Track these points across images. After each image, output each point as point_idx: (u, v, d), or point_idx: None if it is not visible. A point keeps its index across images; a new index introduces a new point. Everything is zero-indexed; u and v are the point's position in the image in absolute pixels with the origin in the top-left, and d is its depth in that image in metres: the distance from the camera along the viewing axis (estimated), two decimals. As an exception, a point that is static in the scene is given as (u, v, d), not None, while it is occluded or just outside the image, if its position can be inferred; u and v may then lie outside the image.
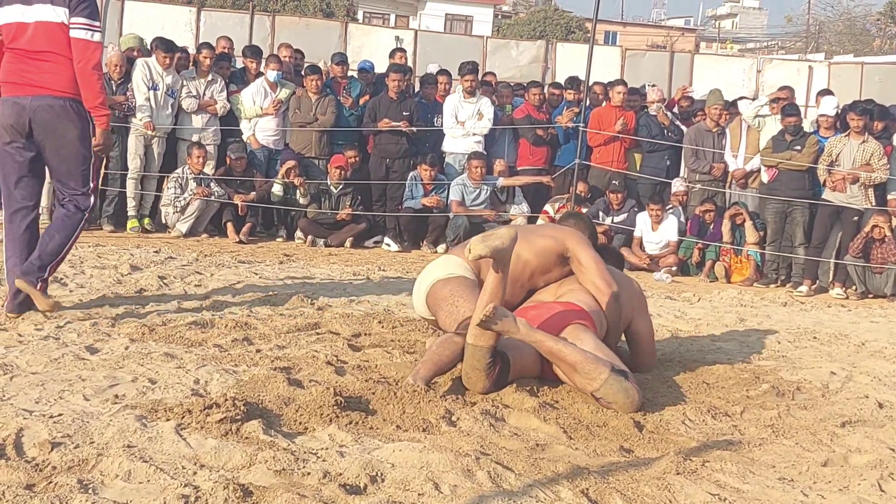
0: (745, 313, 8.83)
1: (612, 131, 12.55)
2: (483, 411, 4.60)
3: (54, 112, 6.24)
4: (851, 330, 8.22)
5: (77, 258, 8.26)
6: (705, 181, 12.44)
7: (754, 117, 12.28)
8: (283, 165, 12.22)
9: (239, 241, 11.51)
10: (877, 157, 11.08)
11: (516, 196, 12.72)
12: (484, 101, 12.83)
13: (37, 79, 6.23)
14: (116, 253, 9.30)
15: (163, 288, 7.52)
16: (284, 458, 3.65)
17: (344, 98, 12.90)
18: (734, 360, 6.50)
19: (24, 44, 6.22)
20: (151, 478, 3.39)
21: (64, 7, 6.18)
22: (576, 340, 5.15)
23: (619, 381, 4.85)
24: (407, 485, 3.49)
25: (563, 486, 3.61)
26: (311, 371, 5.18)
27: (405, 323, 6.85)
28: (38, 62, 6.23)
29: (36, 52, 6.22)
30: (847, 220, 11.24)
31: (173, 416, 4.08)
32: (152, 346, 5.49)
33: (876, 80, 18.72)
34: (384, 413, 4.46)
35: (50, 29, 6.19)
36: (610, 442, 4.40)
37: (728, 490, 3.72)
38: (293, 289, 7.97)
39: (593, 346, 5.14)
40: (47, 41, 6.20)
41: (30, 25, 6.20)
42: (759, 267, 11.82)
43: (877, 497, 3.75)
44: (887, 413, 5.25)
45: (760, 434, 4.71)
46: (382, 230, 12.61)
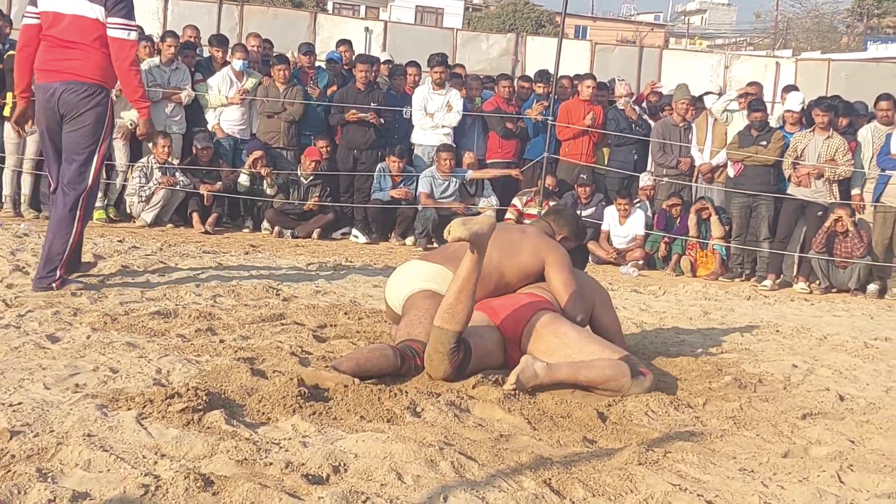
0: (709, 307, 8.88)
1: (580, 125, 12.57)
2: (448, 402, 4.59)
3: (78, 95, 6.77)
4: (814, 324, 8.29)
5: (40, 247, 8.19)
6: (672, 175, 12.49)
7: (722, 112, 12.33)
8: (250, 155, 12.16)
9: (204, 231, 11.46)
10: (841, 152, 11.16)
11: (485, 189, 12.72)
12: (453, 93, 12.81)
13: (65, 65, 6.77)
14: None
15: (126, 277, 7.47)
16: (246, 448, 3.64)
17: (311, 88, 12.86)
18: (697, 352, 6.54)
19: (58, 32, 6.75)
20: (111, 467, 3.36)
21: (100, 5, 6.72)
22: (556, 332, 5.19)
23: (640, 384, 5.11)
24: (370, 475, 3.48)
25: (526, 476, 3.61)
26: (275, 362, 5.17)
27: (371, 314, 6.84)
28: (68, 50, 6.76)
29: (67, 42, 6.76)
30: (811, 215, 11.31)
31: (134, 405, 4.05)
32: (114, 335, 5.45)
33: (842, 76, 18.85)
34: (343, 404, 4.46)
35: (84, 23, 6.73)
36: (573, 433, 4.40)
37: (689, 480, 3.74)
38: (258, 279, 7.94)
39: (578, 338, 5.23)
40: (79, 33, 6.74)
41: (66, 17, 6.74)
42: (724, 261, 11.88)
43: (836, 488, 3.77)
44: (848, 406, 5.30)
45: (722, 425, 4.73)
46: (350, 222, 12.58)
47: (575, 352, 5.18)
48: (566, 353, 5.17)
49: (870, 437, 4.62)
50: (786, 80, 17.92)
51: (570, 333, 5.24)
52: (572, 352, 5.18)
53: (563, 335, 5.22)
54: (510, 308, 5.36)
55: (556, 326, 5.24)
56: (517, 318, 5.29)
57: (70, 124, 6.85)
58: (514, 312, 5.33)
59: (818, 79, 18.62)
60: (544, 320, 5.26)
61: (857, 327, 8.31)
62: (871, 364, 6.54)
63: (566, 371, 5.05)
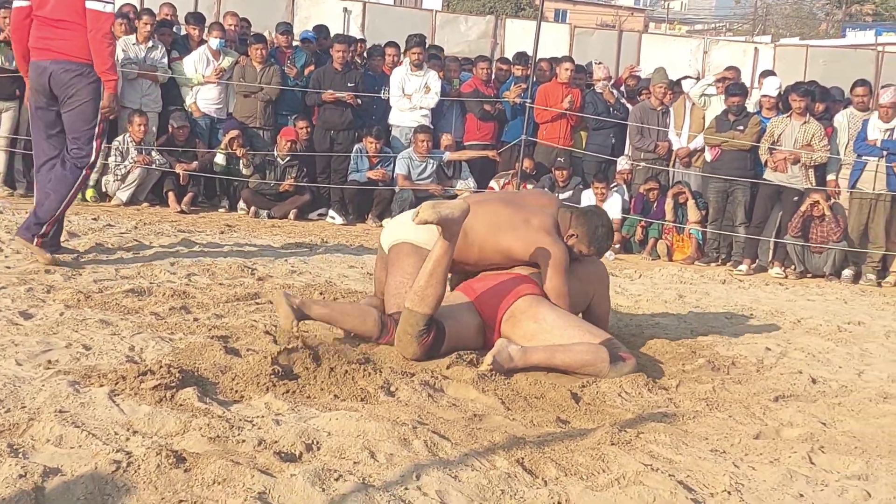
0: (684, 290, 8.91)
1: (558, 108, 12.56)
2: (422, 382, 4.61)
3: (70, 74, 6.96)
4: (788, 307, 8.33)
5: (14, 223, 8.14)
6: (650, 159, 12.50)
7: (700, 96, 12.35)
8: (227, 135, 12.09)
9: (180, 210, 11.39)
10: (817, 137, 11.20)
11: (463, 171, 12.70)
12: (431, 74, 12.77)
13: (56, 44, 6.96)
14: (55, 220, 9.16)
15: (100, 255, 7.43)
16: (219, 426, 3.63)
17: (289, 68, 12.79)
18: (672, 335, 6.56)
19: (47, 12, 6.94)
20: (83, 443, 3.35)
21: None
22: (535, 317, 5.20)
23: (619, 369, 5.13)
24: (343, 453, 3.48)
25: (499, 455, 3.62)
26: (249, 340, 5.16)
27: (347, 295, 6.83)
28: (58, 29, 6.95)
29: (56, 20, 6.95)
30: (787, 200, 11.35)
31: (107, 382, 4.04)
32: (87, 312, 5.43)
33: (820, 63, 18.89)
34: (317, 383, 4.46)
35: (72, 1, 6.90)
36: (547, 413, 4.42)
37: (661, 461, 3.76)
38: (234, 259, 7.91)
39: (558, 323, 5.24)
40: (66, 10, 6.91)
41: None
42: (700, 245, 11.91)
43: (807, 469, 3.80)
44: (820, 388, 5.33)
45: (695, 407, 4.76)
46: (327, 202, 12.54)
47: (555, 337, 5.20)
48: (545, 338, 5.20)
49: (841, 420, 4.66)
50: (764, 65, 17.94)
51: (550, 318, 5.25)
52: (552, 337, 5.20)
53: (542, 320, 5.22)
54: (491, 291, 5.36)
55: (536, 311, 5.24)
56: (497, 303, 5.29)
57: (66, 105, 7.04)
58: (495, 296, 5.33)
59: (796, 65, 18.66)
60: (523, 305, 5.26)
61: (831, 311, 8.36)
62: (843, 348, 6.59)
63: (541, 355, 5.08)
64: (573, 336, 5.21)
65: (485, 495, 3.24)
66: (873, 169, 11.07)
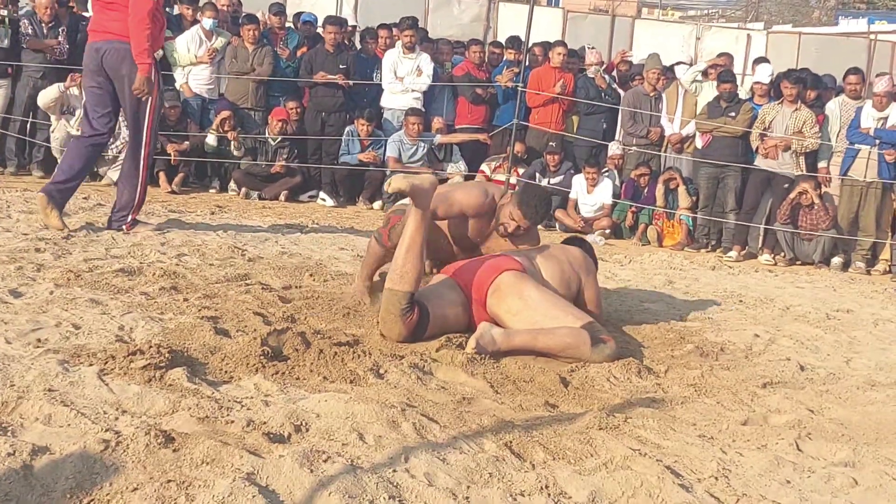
0: (673, 276, 8.92)
1: (551, 92, 12.55)
2: (411, 365, 4.61)
3: (119, 55, 7.40)
4: (777, 294, 8.34)
5: (4, 202, 8.13)
6: (641, 145, 12.50)
7: (692, 82, 12.35)
8: (218, 116, 12.07)
9: (171, 191, 11.39)
10: (809, 125, 11.21)
11: (454, 154, 12.69)
12: (423, 57, 12.75)
13: (108, 25, 7.42)
14: (45, 199, 9.14)
15: (90, 234, 7.42)
16: (208, 406, 3.63)
17: (281, 49, 12.76)
18: (661, 320, 6.57)
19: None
20: (72, 422, 3.35)
21: None
22: (520, 294, 5.22)
23: (600, 351, 5.15)
24: (331, 434, 3.48)
25: (488, 438, 3.63)
26: (239, 321, 5.15)
27: (337, 276, 6.84)
28: (111, 11, 7.40)
29: (108, 3, 7.42)
30: (778, 187, 11.37)
31: (96, 361, 4.04)
32: (77, 291, 5.41)
33: (812, 50, 18.87)
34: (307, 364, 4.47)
35: None
36: (535, 397, 4.43)
37: (648, 445, 3.77)
38: (224, 239, 7.90)
39: (542, 301, 5.26)
40: None
41: None
42: (690, 231, 11.93)
43: (794, 456, 3.81)
44: (808, 375, 5.35)
45: (683, 392, 4.77)
46: (318, 184, 12.52)
47: (539, 315, 5.21)
48: (529, 315, 5.21)
49: (829, 407, 4.68)
50: (757, 52, 17.92)
51: (535, 296, 5.26)
52: (536, 315, 5.21)
53: (527, 298, 5.24)
54: (475, 269, 5.38)
55: (521, 288, 5.26)
56: (482, 279, 5.31)
57: (121, 92, 7.52)
58: (479, 273, 5.35)
59: (789, 52, 18.64)
60: (508, 280, 5.28)
61: (820, 299, 8.38)
62: (832, 335, 6.60)
63: (524, 338, 5.10)
64: (556, 316, 5.23)
65: (473, 478, 3.24)
66: (865, 157, 11.09)
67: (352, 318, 5.56)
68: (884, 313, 7.81)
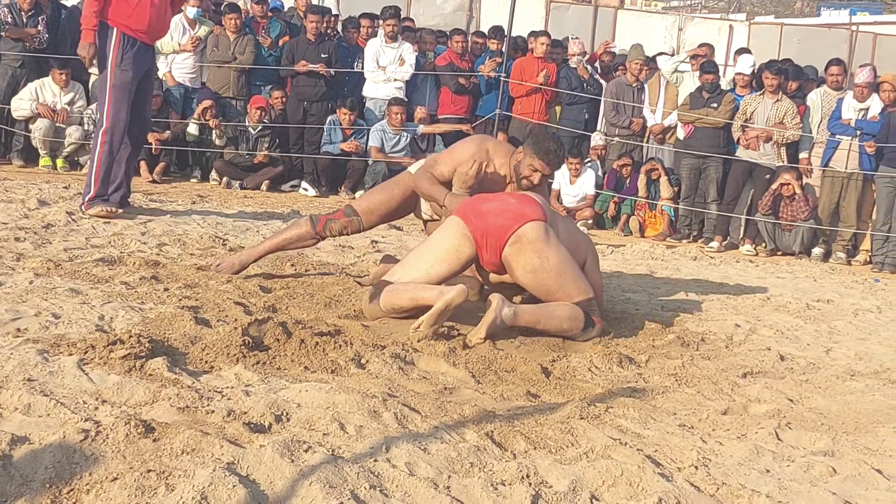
0: (655, 266, 8.94)
1: (533, 83, 12.54)
2: (392, 355, 4.61)
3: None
4: (758, 284, 8.37)
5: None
6: (624, 136, 12.51)
7: (673, 72, 12.37)
8: (200, 105, 12.03)
9: (152, 180, 11.35)
10: (790, 115, 11.24)
11: (437, 144, 12.67)
12: (406, 46, 12.72)
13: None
14: (25, 187, 9.12)
15: (70, 224, 7.38)
16: (188, 396, 3.62)
17: (263, 38, 12.72)
18: (642, 310, 6.58)
19: None
20: (52, 412, 3.34)
21: None
22: (540, 253, 5.26)
23: (586, 334, 5.38)
24: (312, 424, 3.48)
25: (469, 428, 3.63)
26: (220, 311, 5.14)
27: (318, 266, 6.82)
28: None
29: None
30: (759, 178, 11.41)
31: (76, 351, 4.02)
32: (57, 281, 5.39)
33: (794, 41, 18.95)
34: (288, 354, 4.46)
35: None
36: (517, 387, 4.43)
37: (629, 435, 3.78)
38: (205, 229, 7.88)
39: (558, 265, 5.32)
40: None
41: None
42: (672, 222, 11.96)
43: (773, 445, 3.82)
44: (788, 365, 5.37)
45: (664, 382, 4.79)
46: (300, 174, 12.50)
47: (551, 280, 5.31)
48: (543, 277, 5.30)
49: (808, 396, 4.70)
50: (739, 43, 17.99)
51: (553, 259, 5.30)
52: (548, 278, 5.31)
53: (545, 258, 5.28)
54: (499, 213, 5.34)
55: (542, 247, 5.27)
56: (505, 225, 5.29)
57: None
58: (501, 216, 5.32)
59: (771, 43, 18.71)
60: (532, 234, 5.26)
61: (801, 289, 8.42)
62: (812, 325, 6.63)
63: (528, 318, 5.19)
64: (563, 286, 5.33)
65: (454, 468, 3.24)
66: (846, 148, 11.14)
67: (333, 308, 5.55)
68: (864, 303, 7.85)
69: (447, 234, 5.39)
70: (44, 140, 11.31)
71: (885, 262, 10.74)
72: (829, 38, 19.57)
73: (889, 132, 10.73)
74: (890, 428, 4.14)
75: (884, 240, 10.84)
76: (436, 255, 5.38)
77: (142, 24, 7.81)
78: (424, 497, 3.00)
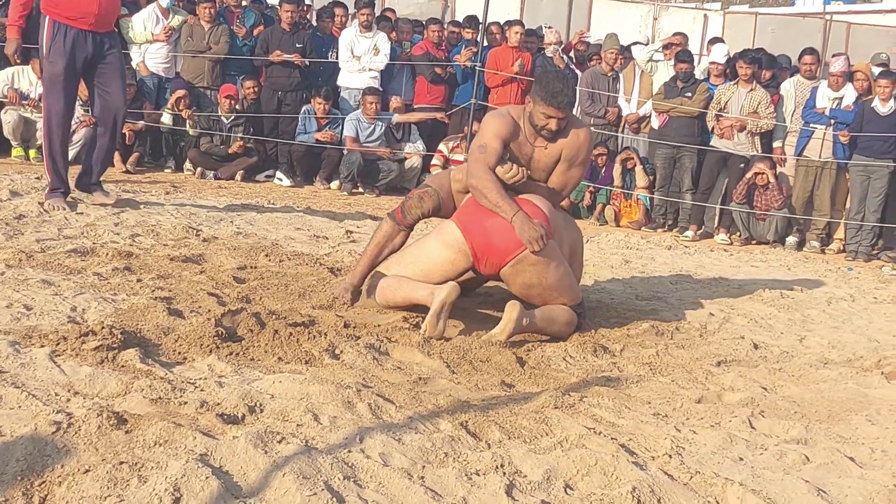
0: (630, 255, 8.96)
1: (509, 72, 12.53)
2: (367, 345, 4.60)
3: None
4: (732, 274, 8.40)
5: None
6: (599, 125, 12.52)
7: (647, 62, 12.39)
8: (173, 95, 11.96)
9: (125, 170, 11.27)
10: (764, 105, 11.28)
11: (411, 134, 12.66)
12: (380, 36, 12.68)
13: None
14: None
15: (43, 215, 7.33)
16: (161, 387, 3.60)
17: (237, 28, 12.65)
18: (617, 299, 6.60)
19: None
20: (23, 404, 3.31)
21: None
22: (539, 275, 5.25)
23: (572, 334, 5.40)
24: (286, 415, 3.47)
25: (444, 418, 3.63)
26: (193, 302, 5.12)
27: (292, 257, 6.80)
28: None
29: None
30: (734, 167, 11.44)
31: (48, 342, 3.99)
32: (29, 272, 5.34)
33: (769, 30, 18.97)
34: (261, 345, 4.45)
35: None
36: (491, 377, 4.44)
37: (603, 424, 3.79)
38: (179, 220, 7.84)
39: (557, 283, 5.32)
40: None
41: None
42: (647, 211, 11.99)
43: (747, 433, 3.84)
44: (761, 354, 5.39)
45: (638, 371, 4.80)
46: (274, 164, 12.45)
47: (546, 294, 5.31)
48: (539, 292, 5.30)
49: (782, 385, 4.72)
50: (713, 32, 18.01)
51: (552, 279, 5.28)
52: (545, 293, 5.30)
53: (543, 278, 5.26)
54: (502, 233, 5.19)
55: (542, 269, 5.23)
56: (507, 248, 5.19)
57: None
58: (505, 240, 5.19)
59: (745, 32, 18.73)
60: (534, 258, 5.17)
61: (775, 278, 8.45)
62: (786, 314, 6.66)
63: (537, 325, 5.21)
64: (558, 298, 5.34)
65: (428, 458, 3.24)
66: (820, 137, 11.19)
67: (307, 299, 5.53)
68: (837, 292, 7.89)
69: (445, 247, 5.33)
70: (14, 131, 11.20)
71: (858, 250, 10.81)
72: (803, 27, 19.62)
73: (863, 121, 10.79)
74: (863, 416, 4.16)
75: (857, 229, 10.90)
76: (432, 264, 5.35)
77: (72, 10, 7.47)
78: (398, 487, 3.00)
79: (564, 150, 5.51)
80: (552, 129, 5.41)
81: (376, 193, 12.06)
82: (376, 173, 12.16)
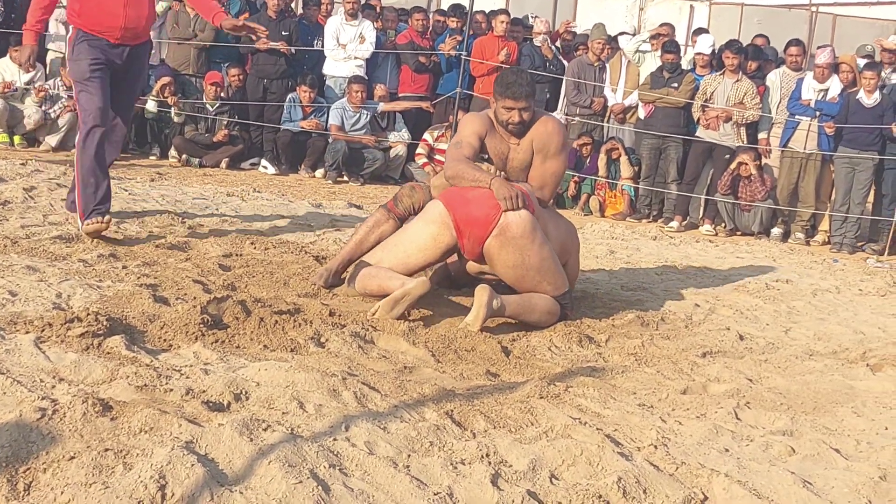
0: (615, 246, 8.97)
1: (494, 61, 12.51)
2: (352, 333, 4.60)
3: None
4: (717, 264, 8.42)
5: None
6: (584, 115, 12.51)
7: (634, 52, 12.39)
8: (158, 82, 11.91)
9: (110, 157, 11.21)
10: (750, 96, 11.29)
11: (396, 122, 12.64)
12: (366, 24, 12.65)
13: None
14: (-20, 164, 9.00)
15: (28, 201, 7.29)
16: (147, 374, 3.60)
17: (223, 15, 12.58)
18: (602, 290, 6.60)
19: None
20: (8, 390, 3.30)
21: None
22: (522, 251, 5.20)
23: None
24: (271, 403, 3.46)
25: (429, 407, 3.63)
26: (179, 289, 5.10)
27: (277, 245, 6.78)
28: None
29: None
30: (719, 158, 11.45)
31: (33, 329, 3.98)
32: (14, 258, 5.32)
33: (755, 21, 18.98)
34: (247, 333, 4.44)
35: None
36: (477, 366, 4.44)
37: (588, 414, 3.79)
38: (164, 207, 7.81)
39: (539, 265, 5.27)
40: None
41: None
42: (632, 201, 11.99)
43: (732, 424, 3.85)
44: (747, 345, 5.41)
45: (624, 362, 4.81)
46: (259, 152, 12.42)
47: (528, 277, 5.28)
48: (521, 273, 5.27)
49: (767, 376, 4.73)
50: (700, 23, 18.01)
51: (534, 258, 5.24)
52: (526, 275, 5.28)
53: (526, 256, 5.22)
54: (483, 202, 5.20)
55: (524, 244, 5.18)
56: (487, 215, 5.17)
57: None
58: (486, 207, 5.18)
59: (731, 23, 18.74)
60: (517, 228, 5.15)
61: (760, 269, 8.46)
62: (771, 305, 6.68)
63: (512, 310, 5.20)
64: (543, 283, 5.31)
65: (413, 447, 3.24)
66: (805, 128, 11.20)
67: (292, 287, 5.52)
68: (822, 283, 7.90)
69: (428, 223, 5.33)
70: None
71: (843, 242, 10.84)
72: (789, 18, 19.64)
73: (848, 113, 10.81)
74: (848, 408, 4.18)
75: (842, 220, 10.93)
76: (415, 244, 5.34)
77: (97, 24, 6.63)
78: (384, 476, 3.00)
79: (535, 142, 5.64)
80: (515, 122, 5.55)
81: (361, 182, 12.04)
82: (361, 162, 12.15)
